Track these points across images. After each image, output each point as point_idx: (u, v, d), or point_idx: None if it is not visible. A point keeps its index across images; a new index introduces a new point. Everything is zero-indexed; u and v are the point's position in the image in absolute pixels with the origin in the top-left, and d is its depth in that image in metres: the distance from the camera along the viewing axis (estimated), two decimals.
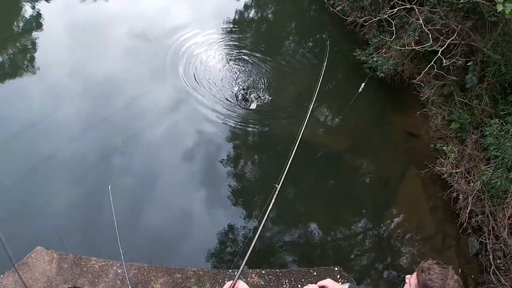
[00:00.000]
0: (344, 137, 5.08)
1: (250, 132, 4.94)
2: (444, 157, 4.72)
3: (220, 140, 4.76)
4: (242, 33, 6.45)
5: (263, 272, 2.58)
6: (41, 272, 2.41)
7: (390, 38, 5.30)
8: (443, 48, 4.37)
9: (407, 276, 1.72)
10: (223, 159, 4.54)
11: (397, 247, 4.36)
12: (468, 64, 4.83)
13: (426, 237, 4.49)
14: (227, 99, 5.09)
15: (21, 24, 5.78)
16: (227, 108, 4.99)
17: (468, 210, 4.59)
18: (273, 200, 1.81)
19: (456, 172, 4.65)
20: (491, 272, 4.56)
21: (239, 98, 5.16)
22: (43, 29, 5.68)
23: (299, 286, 2.55)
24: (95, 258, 2.48)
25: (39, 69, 5.02)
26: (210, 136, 4.75)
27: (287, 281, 2.57)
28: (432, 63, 4.37)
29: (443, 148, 4.68)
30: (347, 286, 2.36)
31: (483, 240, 4.66)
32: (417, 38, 5.05)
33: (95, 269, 2.43)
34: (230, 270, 2.56)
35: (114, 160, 4.00)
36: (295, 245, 3.80)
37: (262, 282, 2.53)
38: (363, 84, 4.33)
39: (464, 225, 4.63)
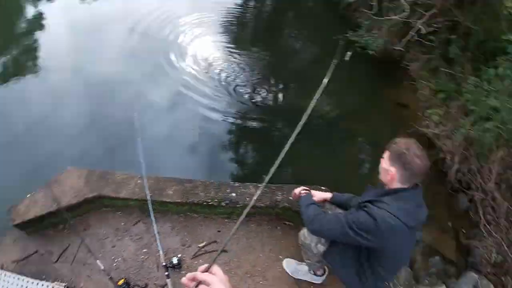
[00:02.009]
0: (337, 108, 5.46)
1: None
2: (430, 120, 5.12)
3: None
4: (241, 25, 6.97)
5: (259, 185, 3.00)
6: (70, 186, 2.86)
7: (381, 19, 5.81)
8: (423, 20, 4.84)
9: (381, 159, 2.14)
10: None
11: None
12: (451, 36, 5.29)
13: None
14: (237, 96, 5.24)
15: (23, 25, 5.94)
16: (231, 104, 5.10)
17: (455, 168, 4.94)
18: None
19: (442, 133, 5.03)
20: (481, 226, 4.85)
21: (243, 92, 5.32)
22: (45, 30, 5.89)
23: (290, 198, 2.95)
24: (119, 172, 2.95)
25: (42, 69, 5.09)
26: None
27: (279, 193, 2.99)
28: (412, 32, 4.82)
29: (428, 111, 5.09)
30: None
31: (472, 197, 4.98)
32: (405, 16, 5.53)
33: (119, 180, 2.89)
34: (232, 182, 3.00)
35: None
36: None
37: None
38: (348, 53, 4.69)
39: (453, 182, 4.97)
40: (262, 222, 3.06)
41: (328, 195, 2.66)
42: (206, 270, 0.95)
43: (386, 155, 2.05)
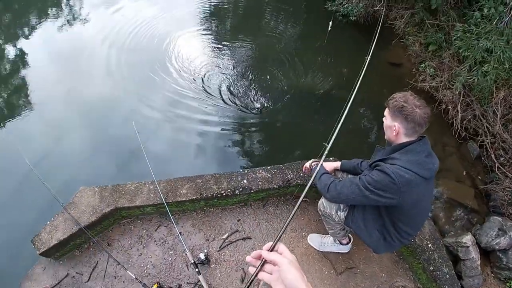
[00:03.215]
0: (331, 78, 5.43)
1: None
2: (425, 74, 5.10)
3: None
4: (220, 15, 6.86)
5: (269, 167, 3.02)
6: (86, 205, 2.89)
7: None
8: None
9: (383, 119, 2.15)
10: None
11: None
12: None
13: None
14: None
15: (7, 66, 5.81)
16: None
17: (460, 117, 4.91)
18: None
19: (439, 85, 5.00)
20: (496, 169, 4.83)
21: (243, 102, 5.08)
22: (30, 66, 5.77)
23: (301, 174, 2.98)
24: (130, 182, 2.98)
25: (36, 105, 5.00)
26: None
27: (289, 172, 3.00)
28: None
29: (421, 65, 5.06)
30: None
31: (482, 142, 4.95)
32: None
33: (131, 190, 2.92)
34: (241, 170, 3.02)
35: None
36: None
37: (269, 175, 2.97)
38: (330, 23, 4.65)
39: (459, 131, 4.94)
40: (278, 203, 3.08)
41: (337, 164, 2.71)
42: (272, 249, 0.87)
43: (386, 112, 2.06)
